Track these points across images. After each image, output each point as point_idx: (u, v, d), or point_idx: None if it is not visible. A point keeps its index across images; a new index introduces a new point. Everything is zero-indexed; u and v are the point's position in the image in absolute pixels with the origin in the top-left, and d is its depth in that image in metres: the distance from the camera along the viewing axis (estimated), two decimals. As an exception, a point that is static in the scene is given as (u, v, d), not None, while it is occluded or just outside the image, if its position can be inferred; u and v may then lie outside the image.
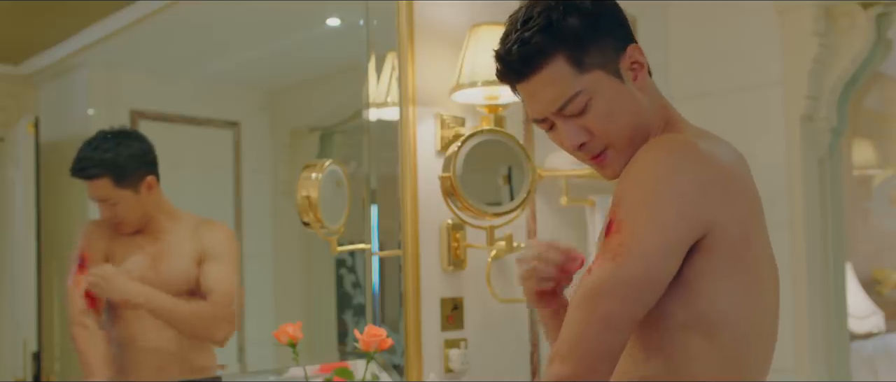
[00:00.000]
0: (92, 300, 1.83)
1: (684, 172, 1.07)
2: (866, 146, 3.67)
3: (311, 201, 2.03)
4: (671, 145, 1.10)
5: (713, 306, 1.10)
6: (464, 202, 2.12)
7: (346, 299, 2.30)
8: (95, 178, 1.85)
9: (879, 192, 3.55)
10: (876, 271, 3.69)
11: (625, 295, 1.06)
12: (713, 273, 1.09)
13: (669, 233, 1.06)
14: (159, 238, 1.95)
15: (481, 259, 2.31)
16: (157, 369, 1.92)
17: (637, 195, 1.07)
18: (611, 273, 1.05)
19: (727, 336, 1.11)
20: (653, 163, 1.08)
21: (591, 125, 1.15)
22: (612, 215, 1.08)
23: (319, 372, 2.12)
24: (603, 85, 1.13)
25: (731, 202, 1.10)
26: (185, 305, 1.97)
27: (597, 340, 1.06)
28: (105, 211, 1.88)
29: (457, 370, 2.29)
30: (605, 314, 1.06)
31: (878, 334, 3.48)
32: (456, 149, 2.12)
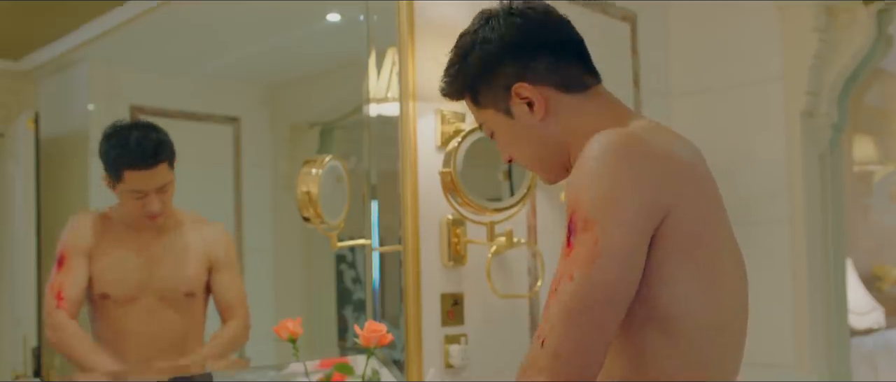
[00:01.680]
0: (60, 298, 1.80)
1: (636, 162, 1.07)
2: (867, 142, 3.67)
3: (312, 196, 2.03)
4: (616, 138, 1.09)
5: (671, 299, 1.09)
6: (464, 197, 2.12)
7: (346, 294, 2.30)
8: (159, 163, 1.85)
9: (880, 188, 3.55)
10: (876, 267, 3.69)
11: (609, 299, 1.05)
12: (669, 263, 1.08)
13: (636, 227, 1.06)
14: (163, 236, 1.95)
15: (482, 254, 2.31)
16: (146, 366, 1.91)
17: (596, 192, 1.06)
18: (592, 279, 1.04)
19: (687, 330, 1.11)
20: (603, 157, 1.07)
21: (502, 149, 1.30)
22: (572, 215, 1.06)
23: (319, 368, 2.12)
24: (496, 121, 1.26)
25: (684, 190, 1.10)
26: (230, 338, 2.02)
27: (587, 351, 1.04)
28: (155, 204, 1.86)
29: (457, 365, 2.29)
30: (593, 322, 1.04)
31: (879, 330, 3.48)
32: (456, 145, 2.12)
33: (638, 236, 1.06)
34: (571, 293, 1.04)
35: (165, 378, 1.88)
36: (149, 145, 1.85)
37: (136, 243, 1.91)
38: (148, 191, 1.85)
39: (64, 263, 1.81)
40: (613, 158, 1.07)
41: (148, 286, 1.91)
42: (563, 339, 1.03)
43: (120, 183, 1.84)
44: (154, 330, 1.92)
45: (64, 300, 1.79)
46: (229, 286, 2.01)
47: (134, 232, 1.91)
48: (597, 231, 1.04)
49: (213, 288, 2.00)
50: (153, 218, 1.88)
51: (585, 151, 1.10)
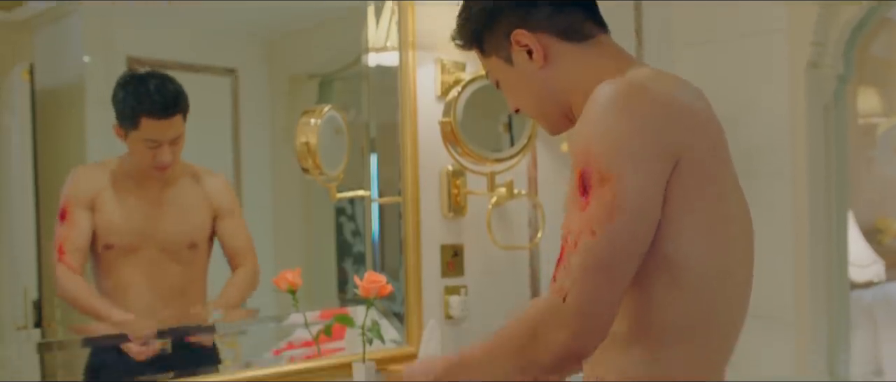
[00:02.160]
0: (61, 253, 1.81)
1: (646, 110, 1.07)
2: (872, 94, 3.64)
3: (310, 147, 2.02)
4: (623, 87, 1.09)
5: (678, 248, 1.09)
6: (464, 147, 2.11)
7: (345, 247, 2.30)
8: (176, 114, 1.86)
9: (884, 141, 3.52)
10: (878, 220, 3.69)
11: (629, 253, 1.05)
12: (678, 211, 1.08)
13: (652, 176, 1.06)
14: (167, 187, 1.94)
15: (482, 205, 2.31)
16: (148, 316, 1.92)
17: (609, 144, 1.05)
18: (613, 235, 1.03)
19: (693, 279, 1.11)
20: (612, 107, 1.07)
21: (509, 99, 1.30)
22: (586, 167, 1.05)
23: (319, 319, 2.13)
24: (499, 68, 1.27)
25: (692, 137, 1.10)
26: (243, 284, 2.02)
27: (608, 305, 1.05)
28: (167, 154, 1.86)
29: (457, 316, 2.29)
30: (614, 277, 1.05)
31: (879, 283, 3.49)
32: (457, 94, 2.10)
33: (653, 186, 1.06)
34: (593, 249, 1.04)
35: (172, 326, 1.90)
36: (169, 94, 1.86)
37: (139, 194, 1.91)
38: (162, 141, 1.85)
39: (66, 216, 1.81)
40: (623, 107, 1.06)
41: (151, 237, 1.91)
42: (586, 295, 1.04)
43: (134, 130, 1.84)
44: (157, 282, 1.92)
45: (66, 253, 1.80)
46: (235, 232, 2.02)
47: (137, 183, 1.91)
48: (614, 184, 1.03)
49: (219, 236, 2.00)
50: (163, 170, 1.89)
51: (592, 101, 1.09)
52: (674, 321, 1.11)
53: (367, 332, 1.95)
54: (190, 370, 1.91)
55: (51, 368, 1.85)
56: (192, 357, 1.95)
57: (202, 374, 1.92)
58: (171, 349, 1.91)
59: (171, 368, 1.90)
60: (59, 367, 1.87)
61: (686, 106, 1.11)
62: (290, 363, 2.07)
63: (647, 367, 1.13)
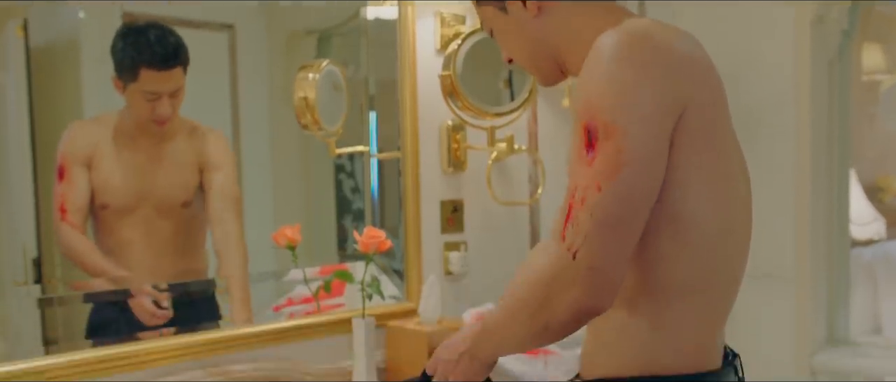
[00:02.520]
0: (63, 212, 1.80)
1: (648, 60, 1.04)
2: (876, 50, 3.60)
3: (309, 102, 2.00)
4: (625, 37, 1.06)
5: (682, 203, 1.08)
6: (464, 101, 2.09)
7: (345, 204, 2.29)
8: (176, 66, 1.85)
9: (887, 98, 3.50)
10: (879, 178, 3.67)
11: (636, 207, 1.04)
12: (681, 165, 1.07)
13: (657, 128, 1.04)
14: (164, 143, 1.93)
15: (482, 161, 2.29)
16: (148, 274, 1.92)
17: (613, 96, 1.03)
18: (620, 189, 1.02)
19: (696, 234, 1.10)
20: (614, 58, 1.04)
21: (503, 49, 1.29)
22: (590, 120, 1.03)
23: (319, 275, 2.12)
24: (493, 17, 1.26)
25: (695, 87, 1.08)
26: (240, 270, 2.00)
27: (619, 260, 1.05)
28: (166, 107, 1.85)
29: (457, 272, 2.29)
30: (624, 232, 1.04)
31: (879, 241, 3.49)
32: (456, 47, 2.08)
33: (659, 138, 1.04)
34: (601, 204, 1.02)
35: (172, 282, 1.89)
36: (169, 45, 1.85)
37: (135, 152, 1.90)
38: (162, 93, 1.84)
39: (64, 174, 1.81)
40: (626, 58, 1.04)
41: (147, 196, 1.91)
42: (597, 251, 1.03)
43: (134, 82, 1.83)
44: (153, 240, 1.92)
45: (67, 212, 1.80)
46: (220, 188, 1.98)
47: (134, 140, 1.89)
48: (620, 137, 1.01)
49: (205, 188, 1.98)
50: (162, 124, 1.88)
51: (594, 53, 1.06)
52: (677, 277, 1.11)
53: (367, 288, 1.94)
54: (191, 326, 1.91)
55: (51, 323, 1.85)
56: (192, 314, 1.96)
57: (203, 330, 1.92)
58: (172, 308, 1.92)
59: (173, 324, 1.90)
60: (60, 322, 1.88)
61: (688, 55, 1.09)
62: (290, 319, 2.07)
63: (649, 323, 1.13)
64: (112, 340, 1.81)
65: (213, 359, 1.88)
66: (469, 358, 1.23)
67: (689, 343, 1.14)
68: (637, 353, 1.14)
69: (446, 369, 1.26)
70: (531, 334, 1.12)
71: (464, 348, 1.23)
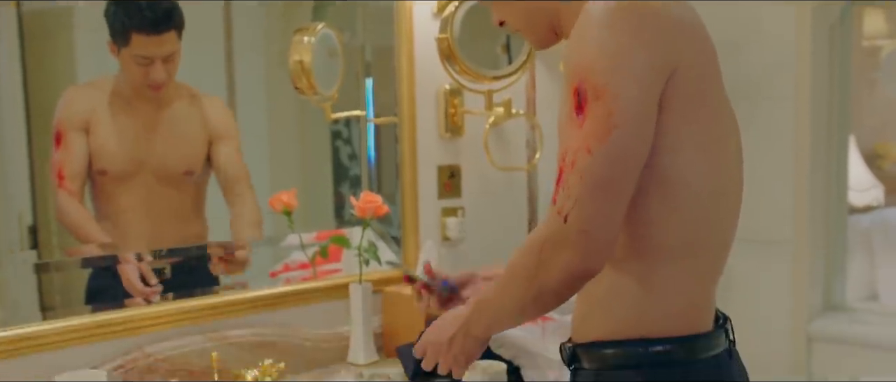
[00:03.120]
0: (61, 178, 1.79)
1: (638, 23, 1.04)
2: (877, 15, 3.57)
3: (304, 66, 1.98)
4: (614, 1, 1.05)
5: (673, 165, 1.08)
6: (461, 65, 2.07)
7: (342, 171, 2.28)
8: (168, 30, 1.82)
9: (887, 63, 3.47)
10: (878, 145, 3.67)
11: (626, 169, 1.04)
12: (672, 127, 1.07)
13: (646, 90, 1.04)
14: (162, 109, 1.91)
15: (479, 125, 2.28)
16: (147, 240, 1.91)
17: (603, 59, 1.03)
18: (610, 152, 1.02)
19: (687, 196, 1.10)
20: (604, 21, 1.04)
21: (494, 11, 1.26)
22: (581, 83, 1.03)
23: (316, 240, 2.12)
24: None
25: (686, 49, 1.08)
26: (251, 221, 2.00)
27: (611, 223, 1.05)
28: (159, 72, 1.83)
29: (454, 238, 2.29)
30: (615, 194, 1.04)
31: (877, 208, 3.49)
32: (453, 10, 2.06)
33: (649, 100, 1.04)
34: (591, 167, 1.02)
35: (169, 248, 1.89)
36: (160, 9, 1.82)
37: (133, 117, 1.88)
38: (154, 57, 1.82)
39: (61, 140, 1.79)
40: (616, 21, 1.03)
41: (145, 162, 1.89)
42: (588, 215, 1.03)
43: (126, 47, 1.81)
44: (153, 207, 1.91)
45: (65, 179, 1.79)
46: (230, 159, 1.99)
47: (131, 104, 1.88)
48: (609, 99, 1.01)
49: (213, 162, 1.97)
50: (157, 89, 1.86)
51: (584, 16, 1.06)
52: (667, 239, 1.11)
53: (364, 253, 1.94)
54: (187, 291, 1.91)
55: (48, 289, 1.85)
56: (189, 280, 1.95)
57: (199, 296, 1.92)
58: (170, 274, 1.91)
59: (169, 290, 1.90)
60: (57, 289, 1.87)
61: (679, 18, 1.08)
62: (287, 284, 2.07)
63: (640, 285, 1.13)
64: (110, 306, 1.81)
65: (212, 324, 1.89)
66: (462, 337, 1.22)
67: (680, 304, 1.14)
68: (628, 315, 1.14)
69: (437, 351, 1.25)
70: (525, 303, 1.12)
71: (454, 329, 1.22)
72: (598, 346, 1.16)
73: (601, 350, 1.16)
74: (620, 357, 1.14)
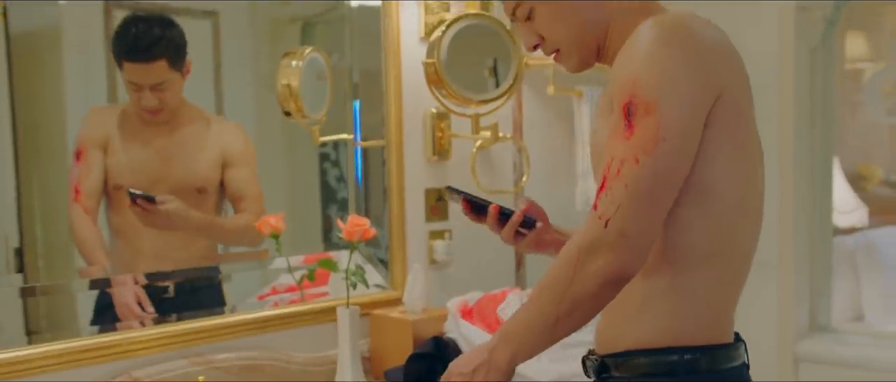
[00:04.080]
0: (77, 193, 1.83)
1: (690, 47, 1.11)
2: (859, 39, 3.61)
3: (292, 89, 1.99)
4: (668, 24, 1.12)
5: (709, 177, 1.14)
6: (448, 89, 2.08)
7: (329, 193, 2.28)
8: (155, 60, 1.85)
9: (870, 86, 3.51)
10: (861, 167, 3.69)
11: (670, 181, 1.10)
12: (712, 143, 1.13)
13: (694, 109, 1.10)
14: (173, 131, 1.94)
15: (466, 149, 2.29)
16: (154, 256, 1.94)
17: (655, 76, 1.09)
18: (656, 163, 1.08)
19: (718, 206, 1.15)
20: (659, 43, 1.11)
21: (538, 30, 1.27)
22: (631, 98, 1.09)
23: (303, 264, 2.12)
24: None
25: (730, 74, 1.15)
26: (234, 223, 2.02)
27: (650, 230, 1.11)
28: (149, 99, 1.86)
29: (441, 261, 2.29)
30: (657, 203, 1.10)
31: (861, 229, 3.50)
32: (440, 34, 2.07)
33: (695, 118, 1.10)
34: (638, 176, 1.08)
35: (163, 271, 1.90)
36: (145, 40, 1.85)
37: (148, 137, 1.92)
38: (142, 84, 1.86)
39: (81, 157, 1.84)
40: (669, 43, 1.10)
41: (159, 179, 1.92)
42: (630, 220, 1.09)
43: (121, 72, 1.86)
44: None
45: (80, 194, 1.83)
46: (243, 179, 2.02)
47: (147, 126, 1.92)
48: (658, 115, 1.08)
49: (225, 183, 2.00)
50: (152, 114, 1.89)
51: (637, 37, 1.12)
52: (697, 246, 1.16)
53: (351, 277, 1.94)
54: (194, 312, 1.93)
55: (34, 313, 1.84)
56: (196, 300, 1.98)
57: (187, 320, 1.91)
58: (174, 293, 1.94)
59: (177, 310, 1.93)
60: (43, 312, 1.86)
61: (724, 44, 1.15)
62: (274, 308, 2.07)
63: (666, 290, 1.17)
64: (102, 329, 1.81)
65: (199, 348, 1.88)
66: (487, 366, 1.20)
67: (707, 313, 1.19)
68: (660, 323, 1.18)
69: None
70: (558, 318, 1.13)
71: (479, 360, 1.21)
72: (631, 355, 1.19)
73: (635, 359, 1.19)
74: (653, 366, 1.18)
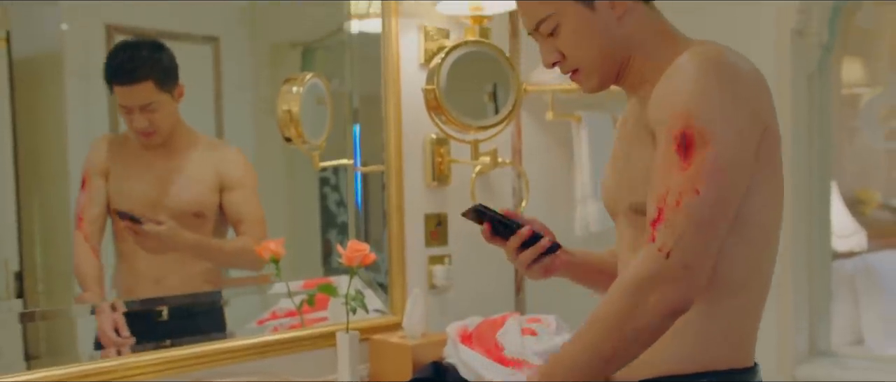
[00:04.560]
0: (79, 220, 1.85)
1: (740, 80, 1.13)
2: (856, 64, 3.63)
3: (293, 115, 2.00)
4: (714, 56, 1.13)
5: (751, 206, 1.16)
6: (448, 115, 2.09)
7: (329, 218, 2.29)
8: (140, 81, 1.86)
9: (866, 112, 3.53)
10: (859, 191, 3.70)
11: (727, 212, 1.11)
12: (755, 174, 1.15)
13: (747, 141, 1.12)
14: (172, 156, 1.95)
15: (466, 174, 2.30)
16: (153, 281, 1.95)
17: (711, 109, 1.10)
18: (716, 194, 1.09)
19: (755, 233, 1.18)
20: (710, 74, 1.11)
21: (561, 47, 1.25)
22: (686, 129, 1.09)
23: (303, 289, 2.12)
24: (572, 12, 1.23)
25: (771, 107, 1.18)
26: (232, 246, 2.01)
27: (710, 260, 1.11)
28: (139, 121, 1.88)
29: (441, 286, 2.29)
30: (716, 233, 1.11)
31: (860, 253, 3.51)
32: (440, 61, 2.08)
33: (748, 150, 1.13)
34: (699, 207, 1.09)
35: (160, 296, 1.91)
36: (130, 62, 1.87)
37: (146, 162, 1.94)
38: (130, 107, 1.87)
39: (85, 184, 1.86)
40: (719, 76, 1.11)
41: (156, 204, 1.93)
42: (692, 251, 1.09)
43: (113, 95, 1.88)
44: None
45: (83, 221, 1.85)
46: (241, 202, 2.02)
47: (145, 151, 1.94)
48: (715, 146, 1.09)
49: (224, 207, 2.01)
50: (146, 136, 1.91)
51: (681, 68, 1.13)
52: (735, 275, 1.18)
53: (351, 301, 1.94)
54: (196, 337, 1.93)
55: (33, 338, 1.84)
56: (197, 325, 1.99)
57: (187, 345, 1.91)
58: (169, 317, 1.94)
59: (158, 337, 1.91)
60: (42, 337, 1.86)
61: (763, 79, 1.18)
62: (274, 333, 2.07)
63: (701, 317, 1.18)
64: (96, 354, 1.81)
65: (197, 374, 1.88)
66: None
67: (737, 337, 1.21)
68: (695, 347, 1.20)
69: None
70: (612, 354, 1.12)
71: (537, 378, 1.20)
72: (669, 380, 1.20)
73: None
74: None
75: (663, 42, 1.23)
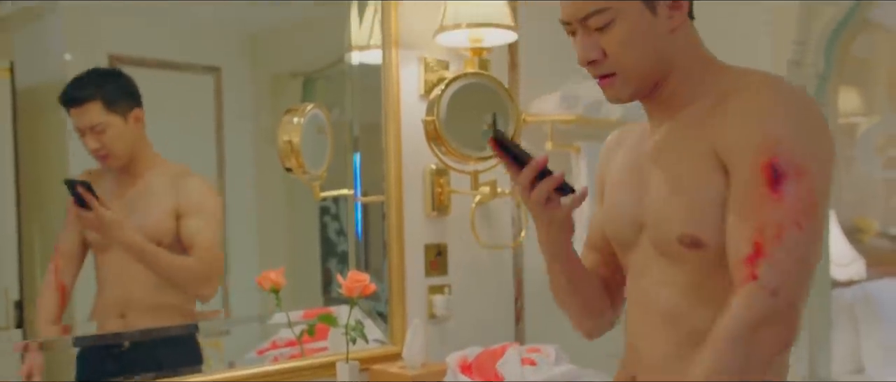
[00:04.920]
0: (56, 250, 1.84)
1: (819, 112, 1.10)
2: (852, 93, 3.66)
3: (293, 146, 2.01)
4: (786, 86, 1.11)
5: None
6: (447, 146, 2.10)
7: (329, 247, 2.29)
8: (86, 102, 1.84)
9: (864, 140, 3.55)
10: (857, 219, 3.71)
11: (821, 240, 1.08)
12: None
13: (831, 175, 1.10)
14: (136, 182, 1.93)
15: (465, 204, 2.31)
16: (118, 315, 1.92)
17: (803, 142, 1.07)
18: (815, 229, 1.05)
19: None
20: (798, 106, 1.09)
21: (607, 46, 1.17)
22: (775, 157, 1.06)
23: (303, 319, 2.12)
24: (633, 11, 1.15)
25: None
26: (175, 259, 1.96)
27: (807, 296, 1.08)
28: (91, 142, 1.86)
29: (441, 315, 2.29)
30: (814, 268, 1.08)
31: (859, 282, 3.51)
32: (440, 93, 2.10)
33: (830, 181, 1.11)
34: (803, 242, 1.05)
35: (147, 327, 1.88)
36: (77, 84, 1.86)
37: (113, 188, 1.91)
38: (83, 128, 1.86)
39: (68, 214, 1.85)
40: (803, 108, 1.09)
41: None
42: (798, 289, 1.06)
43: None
44: (126, 278, 1.92)
45: (57, 251, 1.84)
46: (196, 229, 1.97)
47: (110, 180, 1.91)
48: (811, 179, 1.06)
49: (180, 232, 1.97)
50: (101, 159, 1.89)
51: (762, 95, 1.09)
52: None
53: (351, 331, 1.94)
54: (172, 370, 1.90)
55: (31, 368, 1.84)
56: (171, 357, 1.95)
57: (185, 374, 1.91)
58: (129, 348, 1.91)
59: (152, 369, 1.89)
60: (41, 367, 1.86)
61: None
62: (274, 363, 2.06)
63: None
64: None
65: (196, 405, 1.87)
66: None
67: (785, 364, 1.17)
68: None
69: None
70: None
71: None
72: None
73: None
74: None
75: (704, 65, 1.19)
